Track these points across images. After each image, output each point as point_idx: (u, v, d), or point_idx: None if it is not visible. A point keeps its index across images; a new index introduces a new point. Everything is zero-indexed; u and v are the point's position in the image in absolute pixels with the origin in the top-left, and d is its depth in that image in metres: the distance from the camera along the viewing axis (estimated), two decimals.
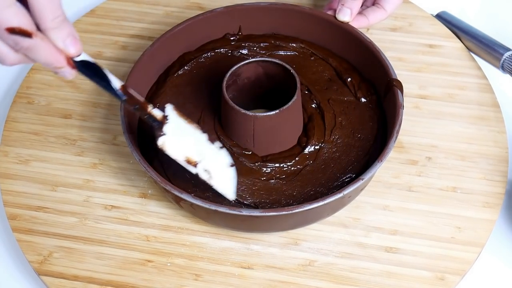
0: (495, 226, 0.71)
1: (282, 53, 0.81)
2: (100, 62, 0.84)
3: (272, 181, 0.70)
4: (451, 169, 0.75)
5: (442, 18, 0.88)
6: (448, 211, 0.72)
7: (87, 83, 0.83)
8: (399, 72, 0.76)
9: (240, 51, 0.81)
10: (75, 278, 0.68)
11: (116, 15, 0.90)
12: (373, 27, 0.86)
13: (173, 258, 0.69)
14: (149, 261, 0.69)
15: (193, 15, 0.80)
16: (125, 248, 0.70)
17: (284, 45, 0.81)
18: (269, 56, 0.80)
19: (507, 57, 0.80)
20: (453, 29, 0.86)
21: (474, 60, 0.84)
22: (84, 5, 0.94)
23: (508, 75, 0.81)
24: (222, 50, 0.81)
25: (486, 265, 0.71)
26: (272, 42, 0.81)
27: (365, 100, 0.76)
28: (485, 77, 0.82)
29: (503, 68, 0.80)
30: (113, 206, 0.73)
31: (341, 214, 0.71)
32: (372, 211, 0.72)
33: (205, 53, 0.80)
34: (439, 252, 0.69)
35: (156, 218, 0.72)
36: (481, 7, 0.93)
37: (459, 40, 0.86)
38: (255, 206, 0.69)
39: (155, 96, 0.77)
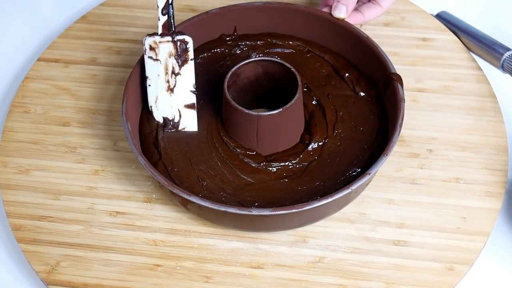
0: (496, 222, 0.72)
1: (279, 50, 0.81)
2: (95, 68, 0.85)
3: (279, 180, 0.71)
4: (452, 160, 0.76)
5: (442, 18, 0.88)
6: (452, 202, 0.73)
7: (83, 90, 0.83)
8: (395, 66, 0.77)
9: (237, 51, 0.81)
10: (85, 286, 0.68)
11: (108, 20, 0.89)
12: (367, 23, 0.86)
13: (182, 261, 0.69)
14: (158, 265, 0.69)
15: (186, 18, 0.80)
16: (132, 254, 0.70)
17: (280, 43, 0.81)
18: (266, 55, 0.80)
19: (507, 57, 0.80)
20: (453, 29, 0.87)
21: (467, 52, 0.85)
22: (76, 11, 0.93)
23: (508, 75, 0.81)
24: (218, 50, 0.81)
25: (491, 257, 0.71)
26: (269, 40, 0.81)
27: (364, 95, 0.77)
28: (479, 68, 0.83)
29: (503, 68, 0.81)
30: (118, 212, 0.73)
31: (347, 209, 0.72)
32: (378, 206, 0.72)
33: (202, 54, 0.80)
34: (446, 243, 0.70)
35: (162, 222, 0.72)
36: (481, 7, 0.94)
37: (452, 33, 0.87)
38: (263, 206, 0.69)
39: None
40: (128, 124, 0.70)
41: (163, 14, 0.72)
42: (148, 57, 0.72)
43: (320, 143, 0.73)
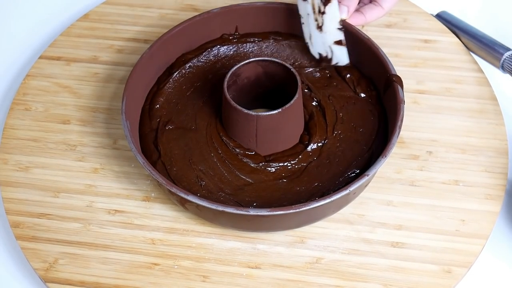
0: (496, 222, 0.72)
1: (282, 51, 0.81)
2: (97, 66, 0.85)
3: (278, 180, 0.71)
4: (452, 162, 0.75)
5: (442, 18, 0.88)
6: (451, 204, 0.72)
7: (84, 88, 0.83)
8: (396, 68, 0.76)
9: (239, 50, 0.81)
10: (82, 284, 0.68)
11: (110, 19, 0.89)
12: (368, 24, 0.86)
13: (180, 260, 0.69)
14: (155, 264, 0.69)
15: (188, 17, 0.80)
16: (130, 252, 0.70)
17: (282, 43, 0.81)
18: (268, 55, 0.80)
19: (507, 57, 0.80)
20: (453, 29, 0.87)
21: (469, 54, 0.85)
22: (78, 9, 0.94)
23: (508, 75, 0.81)
24: (219, 49, 0.81)
25: (489, 260, 0.71)
26: (271, 39, 0.81)
27: (364, 96, 0.77)
28: (481, 71, 0.83)
29: (503, 68, 0.81)
30: (116, 211, 0.73)
31: (346, 210, 0.72)
32: (376, 207, 0.72)
33: (204, 53, 0.80)
34: (444, 245, 0.70)
35: (160, 221, 0.72)
36: (481, 7, 0.93)
37: (454, 35, 0.86)
38: (261, 206, 0.69)
39: (156, 97, 0.76)
40: (127, 123, 0.71)
41: None
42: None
43: (319, 144, 0.73)
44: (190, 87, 0.78)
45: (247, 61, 0.73)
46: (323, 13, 0.76)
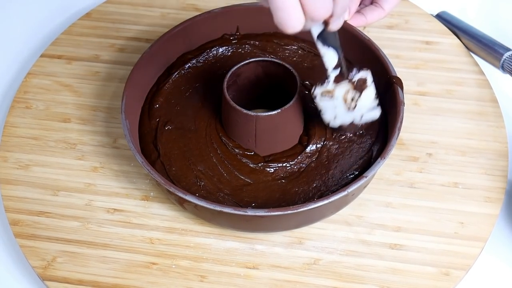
0: (495, 224, 0.72)
1: (287, 51, 0.81)
2: (98, 65, 0.85)
3: (277, 181, 0.71)
4: (452, 164, 0.75)
5: (442, 18, 0.88)
6: (451, 206, 0.72)
7: (85, 87, 0.83)
8: (397, 69, 0.77)
9: (239, 51, 0.81)
10: (80, 282, 0.68)
11: (112, 17, 0.90)
12: (369, 25, 0.86)
13: (178, 260, 0.69)
14: (153, 263, 0.69)
15: (189, 17, 0.80)
16: (129, 251, 0.70)
17: (283, 44, 0.81)
18: (268, 55, 0.80)
19: (507, 57, 0.80)
20: (453, 29, 0.87)
21: (470, 56, 0.85)
22: (80, 8, 0.94)
23: (508, 75, 0.81)
24: (220, 49, 0.81)
25: (488, 262, 0.71)
26: (273, 41, 0.81)
27: None
28: (482, 73, 0.83)
29: (503, 68, 0.81)
30: (115, 210, 0.73)
31: (344, 212, 0.72)
32: (375, 209, 0.72)
33: (204, 54, 0.80)
34: (443, 247, 0.69)
35: (159, 221, 0.72)
36: (481, 7, 0.93)
37: (455, 37, 0.86)
38: (260, 206, 0.69)
39: (155, 97, 0.77)
40: (127, 122, 0.71)
41: (335, 68, 0.67)
42: (321, 100, 0.69)
43: (318, 145, 0.73)
44: (189, 88, 0.78)
45: (247, 61, 0.73)
46: (358, 99, 0.68)
